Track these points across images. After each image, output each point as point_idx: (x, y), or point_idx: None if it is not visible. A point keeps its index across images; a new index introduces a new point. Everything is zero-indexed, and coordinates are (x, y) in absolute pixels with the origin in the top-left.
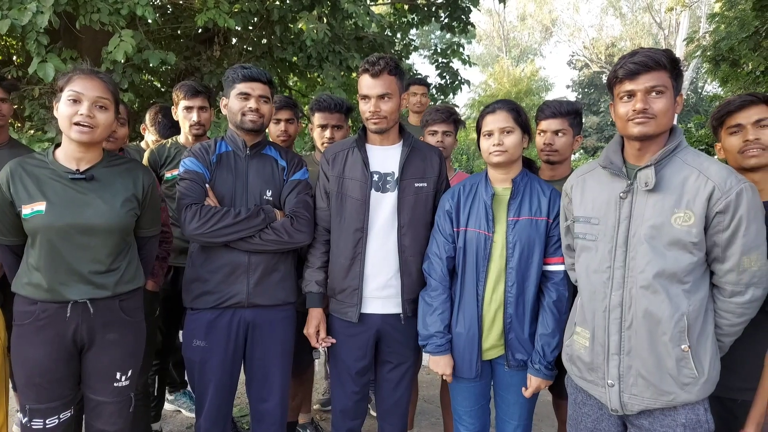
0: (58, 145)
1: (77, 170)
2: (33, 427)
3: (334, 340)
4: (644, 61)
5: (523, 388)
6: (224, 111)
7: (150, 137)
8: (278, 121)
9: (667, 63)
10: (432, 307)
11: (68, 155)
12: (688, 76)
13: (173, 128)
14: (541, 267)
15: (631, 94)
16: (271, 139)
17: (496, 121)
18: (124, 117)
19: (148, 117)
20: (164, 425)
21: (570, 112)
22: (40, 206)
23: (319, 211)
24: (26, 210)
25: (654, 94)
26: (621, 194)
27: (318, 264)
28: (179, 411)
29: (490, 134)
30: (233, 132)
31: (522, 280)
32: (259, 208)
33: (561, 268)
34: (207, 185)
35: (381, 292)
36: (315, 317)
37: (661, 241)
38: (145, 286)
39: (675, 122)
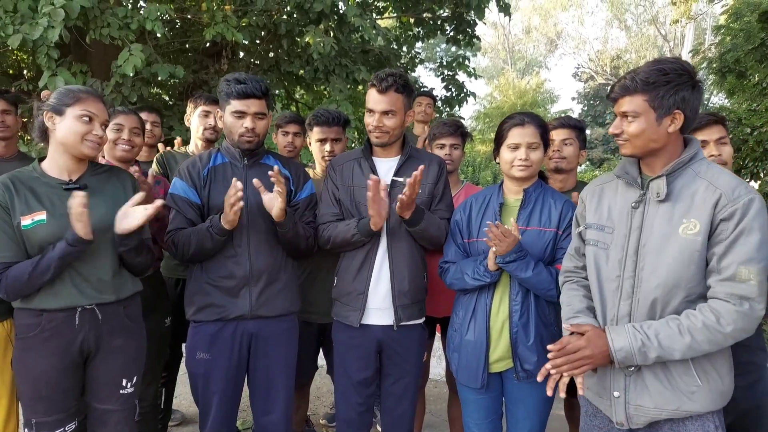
0: (41, 159)
1: (70, 180)
2: None
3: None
4: (621, 87)
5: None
6: (220, 123)
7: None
8: (286, 133)
9: (641, 87)
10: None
11: (60, 167)
12: None
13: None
14: None
15: (617, 116)
16: (279, 150)
17: (524, 135)
18: (139, 127)
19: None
20: None
21: (576, 125)
22: (41, 216)
23: (332, 216)
24: (26, 221)
25: (628, 118)
26: (633, 204)
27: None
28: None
29: (516, 147)
30: (228, 144)
31: (526, 290)
32: (210, 218)
33: None
34: (200, 200)
35: (382, 303)
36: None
37: (670, 252)
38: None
39: (688, 134)
